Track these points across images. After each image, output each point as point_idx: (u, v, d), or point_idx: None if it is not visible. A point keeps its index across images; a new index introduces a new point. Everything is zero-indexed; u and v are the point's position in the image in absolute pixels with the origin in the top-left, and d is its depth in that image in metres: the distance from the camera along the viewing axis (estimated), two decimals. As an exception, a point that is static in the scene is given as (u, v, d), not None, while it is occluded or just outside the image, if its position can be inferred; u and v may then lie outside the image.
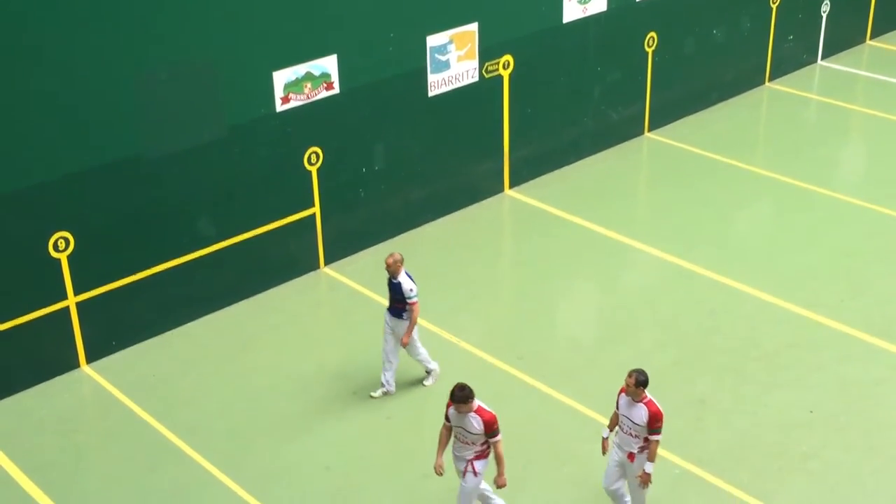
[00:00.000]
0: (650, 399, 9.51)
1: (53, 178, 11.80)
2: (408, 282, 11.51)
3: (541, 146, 16.69)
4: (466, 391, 9.38)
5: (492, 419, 9.43)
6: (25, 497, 10.77)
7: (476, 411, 9.44)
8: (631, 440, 9.58)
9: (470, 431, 9.47)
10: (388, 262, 11.52)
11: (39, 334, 12.21)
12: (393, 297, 11.65)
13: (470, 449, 9.60)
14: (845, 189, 16.40)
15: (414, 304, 11.53)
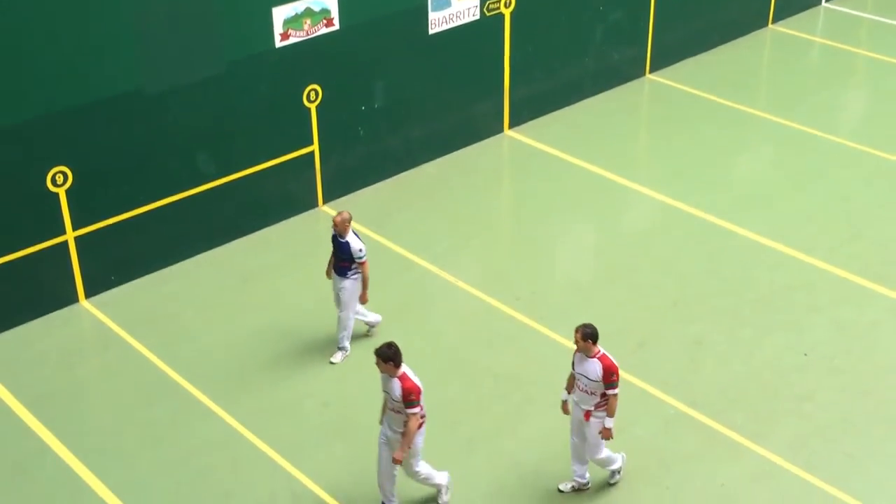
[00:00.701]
0: (603, 353, 9.35)
1: (52, 112, 11.74)
2: (357, 241, 11.20)
3: (541, 86, 16.59)
4: (390, 350, 9.04)
5: (411, 388, 9.08)
6: (25, 429, 10.87)
7: (400, 377, 9.12)
8: (588, 397, 9.45)
9: (393, 398, 9.18)
10: (336, 221, 11.17)
11: (39, 268, 12.23)
12: (338, 256, 11.31)
13: (398, 419, 9.25)
14: (846, 133, 16.35)
15: (364, 264, 11.28)
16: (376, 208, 14.53)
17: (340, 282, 11.41)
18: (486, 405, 11.08)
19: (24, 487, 10.19)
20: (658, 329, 12.19)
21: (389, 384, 9.18)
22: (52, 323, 12.40)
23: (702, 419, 10.90)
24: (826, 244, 13.63)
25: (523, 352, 11.83)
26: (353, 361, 11.75)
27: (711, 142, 16.19)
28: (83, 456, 10.53)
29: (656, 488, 10.09)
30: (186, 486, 10.21)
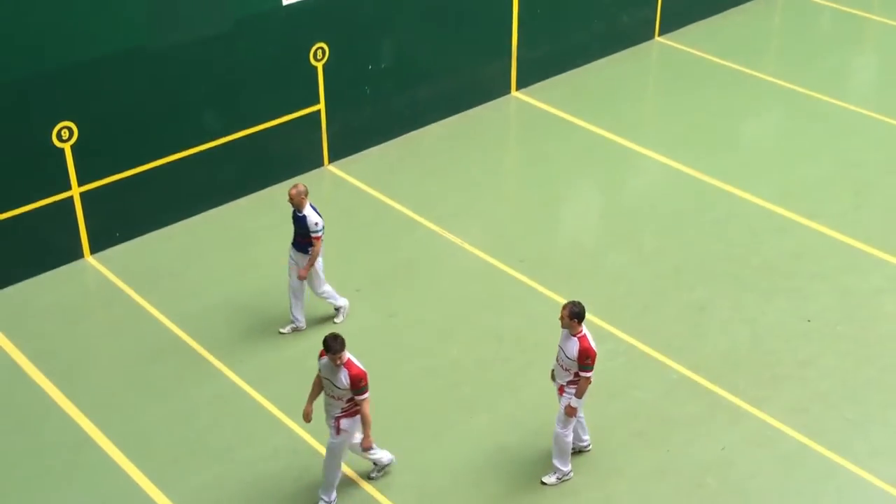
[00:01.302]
0: (584, 334, 9.22)
1: (58, 68, 11.71)
2: (313, 215, 10.92)
3: (550, 48, 16.48)
4: (336, 342, 8.94)
5: (359, 375, 9.01)
6: (29, 383, 10.94)
7: (346, 364, 9.02)
8: (563, 373, 9.42)
9: (337, 385, 9.06)
10: (292, 194, 10.85)
11: (44, 224, 12.26)
12: (297, 232, 11.07)
13: (337, 405, 9.15)
14: (856, 99, 16.24)
15: (318, 239, 10.97)
16: (382, 168, 14.50)
17: (301, 258, 11.14)
18: (489, 366, 11.12)
19: (27, 441, 10.28)
20: (662, 293, 12.19)
21: (333, 372, 9.04)
22: (57, 278, 12.44)
23: (704, 383, 10.93)
24: (832, 211, 13.60)
25: (526, 314, 11.85)
26: (357, 323, 11.78)
27: (719, 106, 16.10)
28: (87, 410, 10.60)
29: (657, 452, 10.14)
30: (189, 441, 10.28)
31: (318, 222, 10.94)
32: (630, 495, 9.71)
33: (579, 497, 9.70)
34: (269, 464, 10.02)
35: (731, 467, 9.98)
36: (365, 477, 9.81)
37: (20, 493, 9.74)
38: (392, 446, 10.19)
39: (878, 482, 9.82)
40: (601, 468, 9.98)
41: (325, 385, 9.22)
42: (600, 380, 10.90)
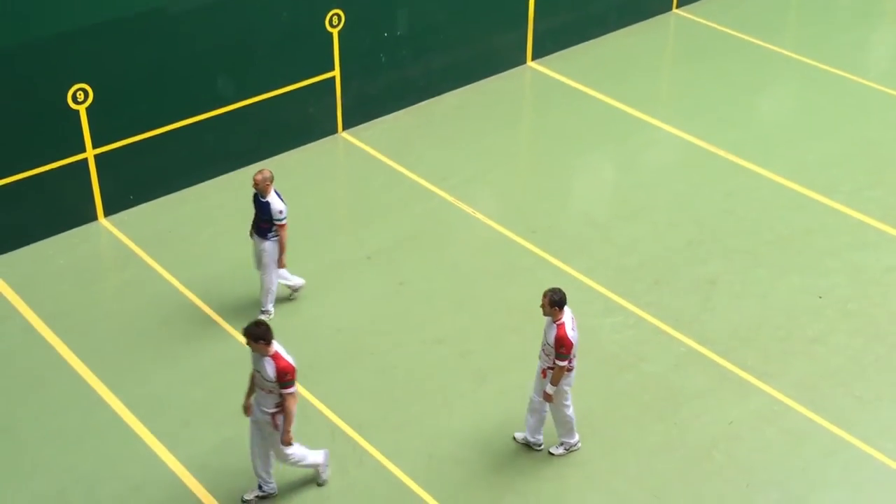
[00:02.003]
0: (563, 322, 9.14)
1: (74, 30, 11.71)
2: (278, 202, 10.72)
3: (566, 18, 16.39)
4: (260, 329, 8.67)
5: (286, 368, 8.70)
6: (43, 343, 11.02)
7: (273, 356, 8.73)
8: (544, 357, 9.42)
9: (264, 377, 8.76)
10: (257, 179, 10.64)
11: (59, 185, 12.30)
12: (258, 217, 10.86)
13: (268, 399, 8.84)
14: (875, 76, 16.12)
15: (282, 227, 10.78)
16: (396, 136, 14.49)
17: (261, 243, 10.93)
18: (499, 336, 11.15)
19: (40, 400, 10.37)
20: (673, 267, 12.19)
21: (261, 363, 8.78)
22: (70, 240, 12.50)
23: (712, 357, 10.95)
24: (847, 188, 13.54)
25: (537, 284, 11.84)
26: (368, 291, 11.82)
27: (736, 80, 16.01)
28: (98, 371, 10.68)
29: (665, 424, 10.18)
30: (198, 404, 10.36)
31: (282, 210, 10.72)
32: (637, 467, 9.76)
33: (586, 468, 9.76)
34: (278, 428, 10.09)
35: (739, 441, 10.01)
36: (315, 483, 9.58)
37: (32, 452, 9.84)
38: (401, 413, 10.26)
39: (885, 459, 9.85)
40: (608, 440, 10.03)
41: (254, 376, 8.92)
42: (609, 352, 10.95)
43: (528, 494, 9.53)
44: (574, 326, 9.27)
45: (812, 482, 9.65)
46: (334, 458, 9.81)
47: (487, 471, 9.72)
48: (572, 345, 9.18)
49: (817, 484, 9.63)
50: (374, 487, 9.54)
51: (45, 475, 9.60)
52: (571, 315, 9.33)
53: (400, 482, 9.59)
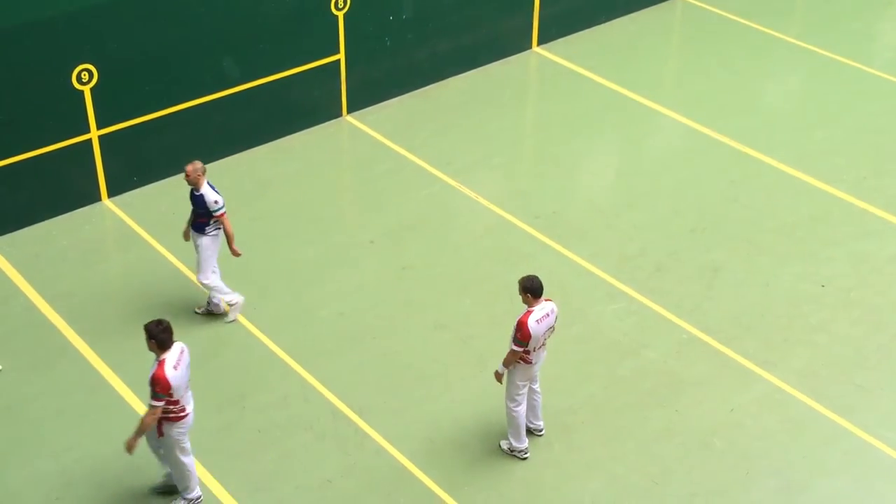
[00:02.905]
0: (529, 310, 8.99)
1: (79, 9, 11.69)
2: (211, 193, 10.38)
3: (572, 4, 16.34)
4: (154, 327, 8.40)
5: (158, 378, 8.33)
6: (46, 324, 11.05)
7: (158, 361, 8.44)
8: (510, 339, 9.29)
9: None
10: (188, 171, 10.31)
11: (63, 166, 12.31)
12: (195, 212, 10.55)
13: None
14: (880, 64, 16.07)
15: (222, 216, 10.47)
16: (400, 121, 14.47)
17: (198, 238, 10.60)
18: (501, 321, 11.16)
19: (43, 381, 10.40)
20: (676, 254, 12.19)
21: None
22: (74, 221, 12.51)
23: (714, 345, 10.96)
24: (851, 176, 13.52)
25: (540, 270, 11.81)
26: (371, 275, 11.83)
27: (741, 67, 15.97)
28: (102, 352, 10.71)
29: (666, 411, 10.20)
30: (201, 386, 10.36)
31: (217, 200, 10.40)
32: (638, 454, 9.79)
33: (587, 453, 9.79)
34: (279, 411, 10.13)
35: (739, 429, 10.04)
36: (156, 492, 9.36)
37: (35, 432, 9.87)
38: (402, 397, 10.30)
39: (886, 448, 9.87)
40: (609, 426, 10.05)
41: None
42: (611, 338, 10.97)
43: (528, 480, 9.56)
44: (542, 320, 9.01)
45: (812, 470, 9.67)
46: (336, 441, 9.84)
47: (488, 455, 9.75)
48: (529, 335, 8.96)
49: (817, 472, 9.66)
50: (374, 470, 9.58)
51: (48, 455, 9.65)
52: (550, 310, 9.13)
53: (400, 466, 9.63)
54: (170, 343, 8.51)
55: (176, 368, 8.47)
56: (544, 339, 9.22)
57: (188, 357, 8.71)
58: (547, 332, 9.21)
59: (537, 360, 9.31)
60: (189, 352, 8.78)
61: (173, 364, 8.47)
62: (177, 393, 8.51)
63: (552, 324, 9.22)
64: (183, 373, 8.56)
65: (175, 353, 8.55)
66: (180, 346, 8.65)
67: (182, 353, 8.63)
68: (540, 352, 9.27)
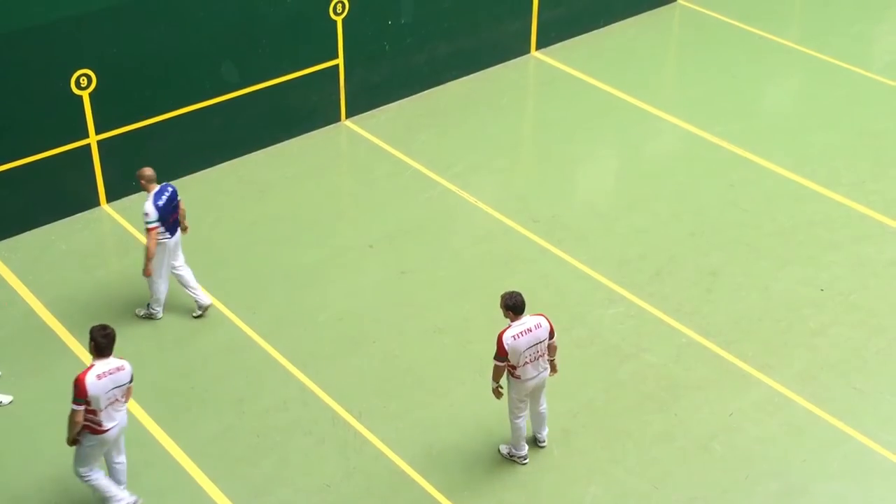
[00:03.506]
0: (509, 326, 8.97)
1: (78, 14, 11.69)
2: (147, 204, 10.27)
3: (571, 8, 16.35)
4: (101, 333, 8.40)
5: (77, 380, 8.30)
6: (45, 329, 11.04)
7: (89, 366, 8.42)
8: None
9: (125, 383, 8.53)
10: (138, 175, 10.44)
11: (61, 171, 12.30)
12: None
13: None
14: (879, 68, 16.09)
15: (150, 231, 10.24)
16: (399, 125, 14.48)
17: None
18: (500, 325, 11.11)
19: (42, 385, 10.39)
20: (675, 258, 12.19)
21: None
22: (73, 225, 12.51)
23: (713, 349, 10.95)
24: (850, 180, 13.52)
25: (539, 274, 11.88)
26: (370, 279, 11.83)
27: (739, 71, 15.98)
28: (101, 357, 10.69)
29: (665, 415, 10.19)
30: (200, 390, 10.38)
31: (147, 213, 10.26)
32: (637, 458, 9.78)
33: (586, 457, 9.78)
34: (279, 415, 10.12)
35: (739, 433, 10.03)
36: None
37: (33, 437, 9.86)
38: (401, 402, 10.28)
39: (885, 452, 9.86)
40: (609, 430, 10.04)
41: None
42: (610, 342, 10.97)
43: (528, 484, 9.55)
44: (522, 335, 8.90)
45: (812, 474, 9.66)
46: (335, 446, 9.83)
47: (487, 460, 9.74)
48: (505, 352, 8.90)
49: (817, 476, 9.65)
50: (373, 475, 9.57)
51: (46, 460, 9.63)
52: (534, 325, 8.97)
53: (400, 470, 9.62)
54: (107, 352, 8.40)
55: (99, 378, 8.34)
56: (531, 355, 9.04)
57: (125, 378, 8.51)
58: (533, 349, 9.01)
59: (526, 377, 9.13)
60: (131, 374, 8.56)
61: (98, 373, 8.34)
62: (94, 403, 8.36)
63: (541, 339, 9.03)
64: (106, 386, 8.37)
65: (109, 364, 8.43)
66: (119, 363, 8.50)
67: (118, 370, 8.47)
68: (527, 367, 9.08)
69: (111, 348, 8.46)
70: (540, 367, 9.20)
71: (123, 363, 8.57)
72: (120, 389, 8.53)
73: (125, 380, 8.56)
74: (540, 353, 9.11)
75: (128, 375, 8.58)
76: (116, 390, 8.51)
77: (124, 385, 8.57)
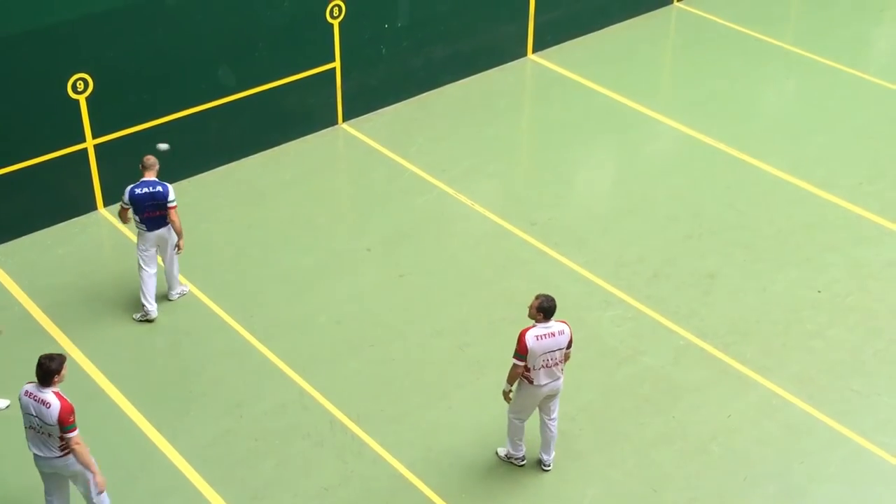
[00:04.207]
0: (533, 326, 8.94)
1: (74, 18, 11.69)
2: (128, 188, 10.74)
3: (567, 11, 16.37)
4: (54, 363, 8.18)
5: (66, 408, 8.17)
6: (42, 333, 11.03)
7: (57, 395, 8.20)
8: None
9: (45, 421, 8.20)
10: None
11: (58, 175, 12.29)
12: None
13: (52, 443, 8.31)
14: (875, 70, 16.11)
15: (123, 211, 10.88)
16: (396, 128, 14.48)
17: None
18: (498, 328, 11.16)
19: (39, 390, 10.36)
20: (673, 260, 12.19)
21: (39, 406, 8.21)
22: (70, 229, 12.49)
23: (711, 351, 10.96)
24: (847, 182, 13.54)
25: (537, 277, 11.87)
26: (367, 283, 11.83)
27: (737, 73, 16.00)
28: (98, 361, 10.69)
29: (663, 417, 10.19)
30: (198, 395, 10.37)
31: (124, 193, 10.78)
32: (635, 460, 9.78)
33: (584, 460, 9.77)
34: (277, 419, 10.11)
35: (737, 435, 10.03)
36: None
37: (31, 441, 9.84)
38: (400, 405, 10.28)
39: (883, 454, 9.87)
40: (607, 432, 10.04)
41: (31, 422, 8.32)
42: (608, 345, 10.97)
43: (526, 486, 9.54)
44: (543, 338, 8.86)
45: (810, 476, 9.67)
46: (334, 449, 9.82)
47: (486, 463, 9.73)
48: (526, 348, 8.87)
49: (815, 477, 9.65)
50: (372, 479, 9.56)
51: (44, 464, 9.60)
52: (558, 331, 8.92)
53: (398, 474, 9.61)
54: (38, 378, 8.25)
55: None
56: (548, 360, 9.01)
57: (28, 406, 8.35)
58: (550, 354, 8.97)
59: (539, 382, 9.10)
60: (29, 406, 8.36)
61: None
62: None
63: (560, 345, 8.99)
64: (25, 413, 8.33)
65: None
66: (22, 389, 8.38)
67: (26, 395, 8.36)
68: (541, 373, 9.05)
69: (40, 376, 8.21)
70: (554, 375, 9.13)
71: (23, 389, 8.41)
72: (29, 418, 8.36)
73: (29, 408, 8.35)
74: (556, 360, 9.04)
75: (27, 405, 8.37)
76: (28, 418, 8.35)
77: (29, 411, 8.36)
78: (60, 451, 8.36)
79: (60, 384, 8.37)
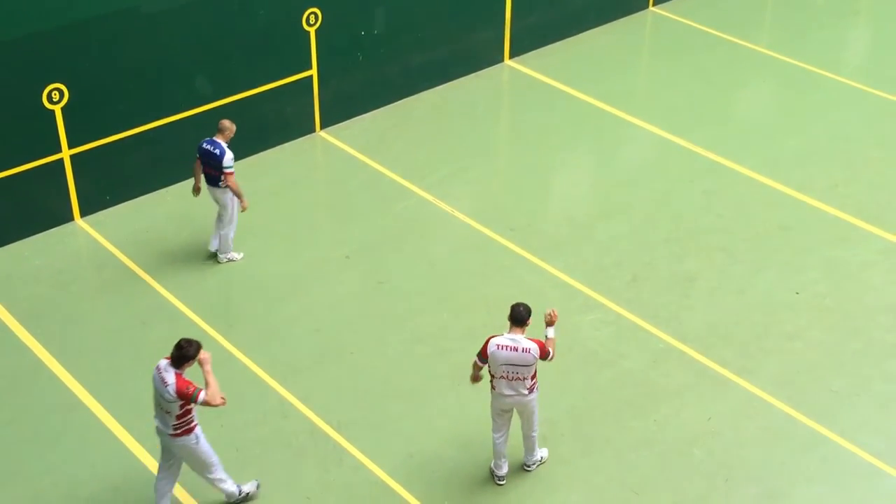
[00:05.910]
0: (501, 335, 8.92)
1: (49, 29, 11.63)
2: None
3: (543, 16, 16.41)
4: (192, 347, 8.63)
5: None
6: (20, 345, 10.95)
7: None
8: None
9: (164, 398, 8.59)
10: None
11: (34, 186, 12.22)
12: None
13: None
14: (849, 72, 16.23)
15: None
16: (373, 135, 14.47)
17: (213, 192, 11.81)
18: (479, 334, 11.12)
19: (18, 402, 10.29)
20: (651, 264, 12.23)
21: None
22: (47, 241, 12.42)
23: (691, 354, 10.99)
24: (823, 184, 13.62)
25: (516, 282, 11.89)
26: (347, 290, 11.81)
27: (713, 77, 16.08)
28: (77, 373, 10.62)
29: (644, 421, 10.21)
30: (179, 406, 10.31)
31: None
32: (617, 464, 9.79)
33: (567, 466, 9.78)
34: (258, 429, 10.07)
35: (718, 438, 10.06)
36: None
37: (10, 455, 9.76)
38: (381, 412, 10.26)
39: (863, 454, 9.92)
40: (588, 437, 10.05)
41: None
42: (588, 349, 10.99)
43: (508, 492, 9.54)
44: (503, 348, 8.80)
45: (791, 477, 9.71)
46: (315, 458, 9.79)
47: (467, 469, 9.73)
48: (485, 353, 8.89)
49: (796, 478, 9.69)
50: (354, 487, 9.54)
51: (23, 478, 9.54)
52: (521, 348, 8.78)
53: (380, 481, 9.59)
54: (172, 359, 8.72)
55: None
56: (507, 372, 8.94)
57: (155, 380, 8.66)
58: (512, 368, 8.90)
59: (500, 390, 9.05)
60: (156, 380, 8.64)
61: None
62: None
63: (526, 362, 8.88)
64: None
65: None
66: (157, 364, 8.77)
67: (156, 369, 8.72)
68: (502, 382, 8.99)
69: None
70: (516, 389, 9.05)
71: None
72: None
73: None
74: (518, 376, 8.98)
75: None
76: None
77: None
78: (174, 430, 8.67)
79: (189, 369, 8.67)
